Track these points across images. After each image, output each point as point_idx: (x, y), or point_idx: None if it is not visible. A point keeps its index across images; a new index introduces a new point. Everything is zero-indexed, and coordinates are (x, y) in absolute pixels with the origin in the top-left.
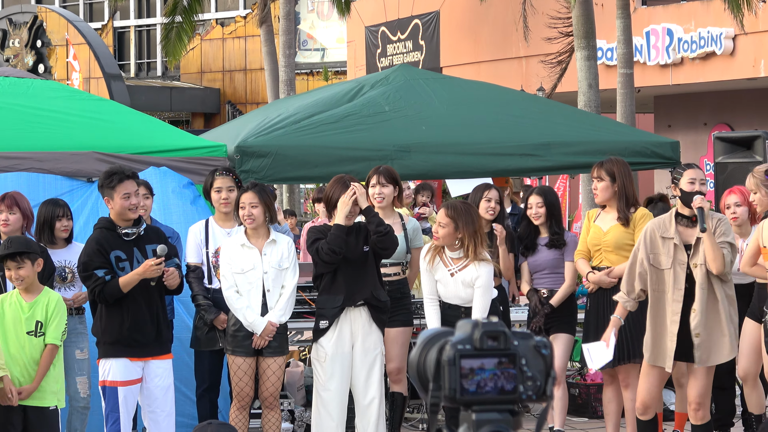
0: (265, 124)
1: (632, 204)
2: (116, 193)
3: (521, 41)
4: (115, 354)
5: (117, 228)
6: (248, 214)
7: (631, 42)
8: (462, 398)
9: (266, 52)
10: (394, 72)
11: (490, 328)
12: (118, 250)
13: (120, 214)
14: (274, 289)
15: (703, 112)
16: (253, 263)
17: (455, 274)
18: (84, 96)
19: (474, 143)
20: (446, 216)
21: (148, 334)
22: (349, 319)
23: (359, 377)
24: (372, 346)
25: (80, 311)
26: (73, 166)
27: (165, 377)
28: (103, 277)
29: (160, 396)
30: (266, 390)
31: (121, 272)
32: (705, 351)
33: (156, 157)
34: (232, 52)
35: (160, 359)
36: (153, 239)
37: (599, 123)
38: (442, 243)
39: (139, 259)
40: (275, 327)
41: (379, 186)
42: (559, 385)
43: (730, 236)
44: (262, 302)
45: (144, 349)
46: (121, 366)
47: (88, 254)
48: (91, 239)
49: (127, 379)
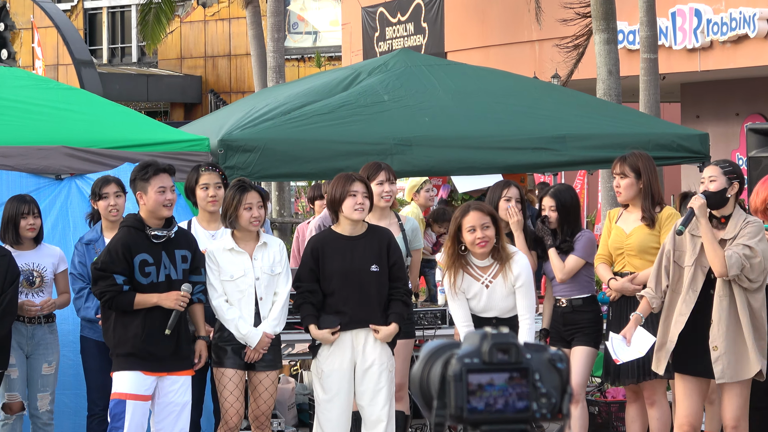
0: (252, 115)
1: (658, 203)
2: (150, 186)
3: (534, 23)
4: (128, 366)
5: (147, 228)
6: (257, 215)
7: (655, 24)
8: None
9: (252, 35)
10: (394, 57)
11: (500, 339)
12: (145, 253)
13: (153, 211)
14: (266, 296)
15: (735, 102)
16: (243, 269)
17: (490, 285)
18: (52, 84)
19: (482, 136)
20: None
21: (166, 347)
22: (350, 332)
23: (364, 395)
24: (377, 361)
25: (50, 319)
26: (40, 162)
27: (182, 394)
28: (121, 285)
29: (173, 414)
30: (258, 408)
31: (146, 278)
32: (724, 366)
33: (131, 152)
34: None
35: (177, 374)
36: (183, 244)
37: (620, 113)
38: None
39: (167, 265)
40: (270, 339)
41: (387, 183)
42: (577, 404)
43: (756, 239)
44: (255, 311)
45: (160, 363)
46: (132, 378)
47: (111, 255)
48: (117, 238)
49: (137, 393)
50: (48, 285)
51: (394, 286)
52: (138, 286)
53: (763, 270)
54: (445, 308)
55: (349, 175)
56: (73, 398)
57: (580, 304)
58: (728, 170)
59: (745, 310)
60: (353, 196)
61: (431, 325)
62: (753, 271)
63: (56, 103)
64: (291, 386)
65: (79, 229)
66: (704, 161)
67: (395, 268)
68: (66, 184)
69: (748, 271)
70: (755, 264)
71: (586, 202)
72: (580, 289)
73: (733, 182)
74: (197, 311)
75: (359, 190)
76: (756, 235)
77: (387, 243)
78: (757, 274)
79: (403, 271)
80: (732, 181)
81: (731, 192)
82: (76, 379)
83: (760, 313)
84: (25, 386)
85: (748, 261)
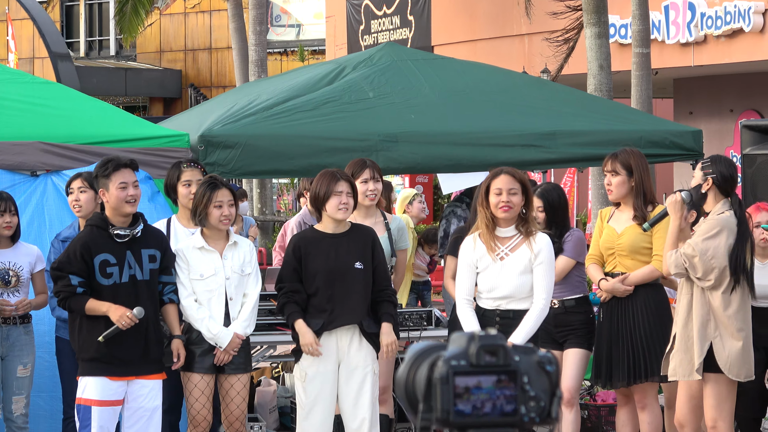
0: (233, 110)
1: (650, 201)
2: (111, 182)
3: (523, 16)
4: (92, 372)
5: (110, 227)
6: (227, 214)
7: (647, 17)
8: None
9: (234, 28)
10: (380, 51)
11: (487, 341)
12: (107, 253)
13: (116, 209)
14: (236, 297)
15: (729, 97)
16: (213, 268)
17: (505, 258)
18: (27, 78)
19: (469, 132)
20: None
21: (133, 351)
22: (334, 334)
23: (347, 399)
24: (362, 363)
25: (26, 320)
26: (15, 158)
27: (151, 399)
28: (75, 286)
29: (143, 419)
30: (231, 413)
31: (107, 279)
32: (676, 364)
33: (109, 148)
34: (195, 28)
35: (147, 378)
36: (151, 243)
37: (611, 109)
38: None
39: (132, 265)
40: (241, 340)
41: (372, 181)
42: (572, 407)
43: (705, 236)
44: (225, 312)
45: (127, 367)
46: (98, 384)
47: (68, 255)
48: (78, 238)
49: (103, 399)
50: (24, 285)
51: (381, 287)
52: (99, 287)
53: (711, 268)
54: (431, 309)
55: (334, 173)
56: (49, 401)
57: (572, 305)
58: (706, 166)
59: (701, 309)
60: (338, 196)
61: (417, 326)
62: (696, 270)
63: (32, 97)
64: (272, 389)
65: (55, 227)
66: (697, 159)
67: (380, 268)
68: (42, 181)
69: (690, 270)
70: (696, 263)
71: (576, 200)
72: (572, 290)
73: (708, 178)
74: (170, 311)
75: (344, 189)
76: (707, 232)
77: (371, 241)
78: (701, 273)
79: (386, 272)
80: (707, 177)
81: (705, 187)
82: (52, 381)
83: (720, 311)
84: (0, 389)
85: (689, 260)
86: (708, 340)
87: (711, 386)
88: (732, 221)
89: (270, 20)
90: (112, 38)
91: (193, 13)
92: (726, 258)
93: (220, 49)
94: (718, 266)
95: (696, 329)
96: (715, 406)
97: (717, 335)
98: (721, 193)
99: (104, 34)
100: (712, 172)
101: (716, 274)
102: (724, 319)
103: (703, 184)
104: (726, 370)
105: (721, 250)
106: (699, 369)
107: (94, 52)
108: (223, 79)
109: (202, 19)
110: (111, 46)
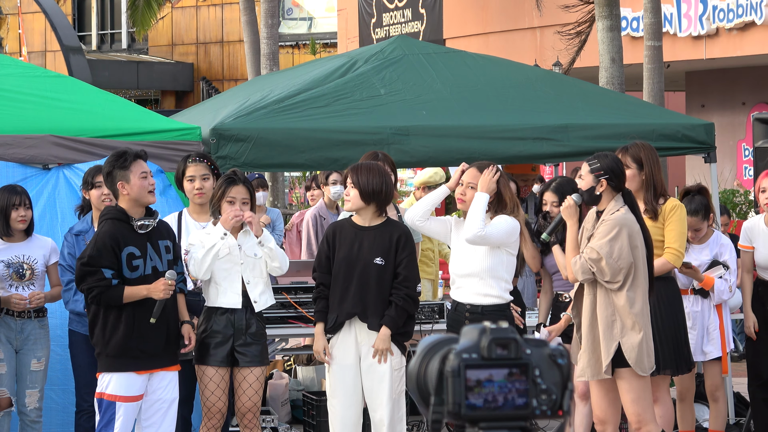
0: (245, 104)
1: (661, 194)
2: (132, 173)
3: (534, 9)
4: (119, 368)
5: (131, 219)
6: (237, 214)
7: (659, 10)
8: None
9: (246, 21)
10: (391, 45)
11: (499, 334)
12: (132, 246)
13: (138, 199)
14: (253, 280)
15: (741, 90)
16: (228, 248)
17: None
18: (39, 72)
19: (481, 126)
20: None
21: (157, 344)
22: (353, 327)
23: (368, 394)
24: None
25: (40, 313)
26: (27, 151)
27: (170, 390)
28: (110, 279)
29: (161, 411)
30: (243, 405)
31: (134, 272)
32: (584, 364)
33: (121, 141)
34: (207, 21)
35: (166, 370)
36: (164, 234)
37: (623, 103)
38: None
39: (152, 257)
40: (260, 224)
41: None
42: (586, 401)
43: (605, 239)
44: (242, 291)
45: (151, 360)
46: (125, 380)
47: (98, 248)
48: (103, 232)
49: (129, 395)
50: (39, 278)
51: (397, 287)
52: (126, 280)
53: (618, 270)
54: (443, 302)
55: (376, 154)
56: (62, 394)
57: None
58: (595, 167)
59: (606, 310)
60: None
61: (428, 319)
62: (603, 274)
63: (44, 90)
64: (284, 382)
65: (68, 220)
66: (709, 152)
67: (402, 266)
68: (53, 174)
69: (598, 274)
70: (603, 267)
71: None
72: None
73: (601, 179)
74: (180, 300)
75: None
76: (606, 234)
77: (398, 238)
78: (610, 276)
79: (409, 271)
80: (599, 179)
81: (599, 189)
82: (64, 375)
83: (626, 310)
84: (14, 382)
85: (595, 264)
86: (615, 341)
87: (626, 381)
88: (629, 218)
89: (282, 13)
90: (123, 31)
91: (205, 6)
92: (630, 256)
93: (231, 42)
94: (625, 266)
95: (602, 330)
96: (635, 401)
97: (624, 334)
98: (613, 189)
99: (116, 27)
100: (603, 172)
101: (623, 274)
102: (631, 316)
103: (596, 186)
104: (634, 365)
105: (625, 250)
106: (608, 370)
107: (106, 46)
108: (234, 72)
109: (213, 12)
110: (123, 39)
